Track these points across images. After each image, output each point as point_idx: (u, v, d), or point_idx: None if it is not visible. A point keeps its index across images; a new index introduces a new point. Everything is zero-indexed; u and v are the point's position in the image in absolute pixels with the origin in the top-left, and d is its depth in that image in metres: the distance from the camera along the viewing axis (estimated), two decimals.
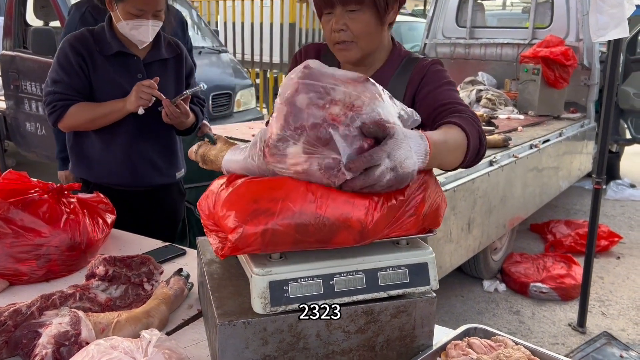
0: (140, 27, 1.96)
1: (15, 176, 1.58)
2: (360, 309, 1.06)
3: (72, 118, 2.00)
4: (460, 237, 3.03)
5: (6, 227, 1.47)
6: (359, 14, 1.32)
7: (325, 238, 0.99)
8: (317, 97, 0.97)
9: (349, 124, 0.96)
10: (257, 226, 0.96)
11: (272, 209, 0.97)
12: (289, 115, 0.97)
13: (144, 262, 1.48)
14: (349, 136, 0.96)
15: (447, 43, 6.15)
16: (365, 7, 1.31)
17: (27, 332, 1.13)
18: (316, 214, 0.97)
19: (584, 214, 5.33)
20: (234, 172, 1.14)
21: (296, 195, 0.98)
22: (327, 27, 1.37)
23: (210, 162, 1.31)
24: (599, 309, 3.70)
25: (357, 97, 0.98)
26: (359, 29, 1.33)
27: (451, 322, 3.37)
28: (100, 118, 2.02)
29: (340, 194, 0.99)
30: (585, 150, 5.18)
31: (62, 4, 4.58)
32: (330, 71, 1.01)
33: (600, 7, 2.59)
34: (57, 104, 1.99)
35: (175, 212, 2.38)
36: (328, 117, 0.96)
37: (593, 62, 5.24)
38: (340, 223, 0.98)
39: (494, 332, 1.18)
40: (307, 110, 0.97)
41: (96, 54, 2.01)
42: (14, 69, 5.01)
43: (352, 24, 1.33)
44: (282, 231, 0.97)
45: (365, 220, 0.99)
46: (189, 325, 1.31)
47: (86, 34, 2.03)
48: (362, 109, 0.97)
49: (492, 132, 3.97)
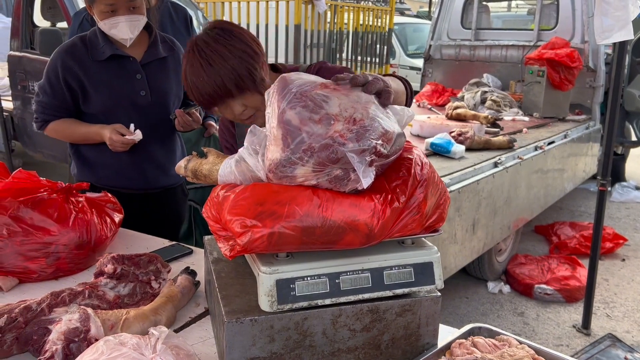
0: (118, 24, 1.92)
1: (24, 175, 1.59)
2: (366, 307, 1.08)
3: (52, 133, 2.07)
4: (465, 238, 3.04)
5: (16, 225, 1.49)
6: (246, 97, 1.41)
7: (332, 240, 1.01)
8: (309, 111, 0.97)
9: (356, 139, 0.96)
10: (264, 229, 0.97)
11: (278, 211, 0.98)
12: (286, 136, 0.97)
13: (152, 261, 1.49)
14: (359, 150, 0.96)
15: (452, 45, 6.15)
16: (245, 91, 1.40)
17: (37, 329, 1.14)
18: (322, 217, 0.99)
19: (589, 215, 5.32)
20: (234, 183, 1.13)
21: (302, 199, 0.99)
22: (226, 114, 1.47)
23: (204, 176, 1.24)
24: (604, 311, 3.70)
25: (353, 108, 0.99)
26: (257, 102, 1.43)
27: (455, 323, 3.37)
28: (78, 139, 2.08)
29: (346, 197, 1.01)
30: (591, 152, 5.17)
31: (69, 5, 4.60)
32: (310, 79, 1.02)
33: (605, 9, 2.59)
34: (39, 117, 2.06)
35: (179, 213, 2.38)
36: (335, 135, 0.96)
37: (598, 64, 5.23)
38: (347, 226, 1.00)
39: (498, 332, 1.19)
40: (304, 127, 0.96)
41: (89, 61, 1.99)
42: (21, 69, 5.04)
43: (249, 102, 1.43)
44: (289, 234, 0.98)
45: (372, 222, 1.00)
46: (196, 322, 1.33)
47: (77, 42, 2.01)
48: (364, 122, 0.97)
49: (497, 133, 3.97)
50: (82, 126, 2.03)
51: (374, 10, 8.20)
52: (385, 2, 8.51)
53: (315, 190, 1.01)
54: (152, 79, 2.06)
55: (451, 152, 3.25)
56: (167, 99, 2.12)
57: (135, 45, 2.03)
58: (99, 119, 2.03)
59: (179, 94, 2.18)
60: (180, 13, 2.82)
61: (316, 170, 0.98)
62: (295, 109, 0.97)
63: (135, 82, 2.03)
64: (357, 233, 1.00)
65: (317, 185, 1.00)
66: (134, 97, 2.03)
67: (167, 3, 2.79)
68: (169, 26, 2.71)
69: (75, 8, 4.49)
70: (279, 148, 0.97)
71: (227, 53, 1.36)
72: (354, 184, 0.99)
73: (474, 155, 3.36)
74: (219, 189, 1.11)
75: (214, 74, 1.35)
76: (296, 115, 0.97)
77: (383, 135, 0.99)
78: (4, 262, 1.47)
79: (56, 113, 2.03)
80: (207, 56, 1.36)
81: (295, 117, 0.97)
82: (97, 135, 2.00)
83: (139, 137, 1.97)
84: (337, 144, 0.96)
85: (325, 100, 0.98)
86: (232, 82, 1.36)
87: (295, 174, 0.99)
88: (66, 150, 4.39)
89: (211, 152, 1.25)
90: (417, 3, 20.84)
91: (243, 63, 1.37)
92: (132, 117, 2.02)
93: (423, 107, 5.40)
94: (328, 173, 0.98)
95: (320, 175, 0.99)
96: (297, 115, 0.96)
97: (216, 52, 1.36)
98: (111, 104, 2.01)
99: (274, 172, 1.00)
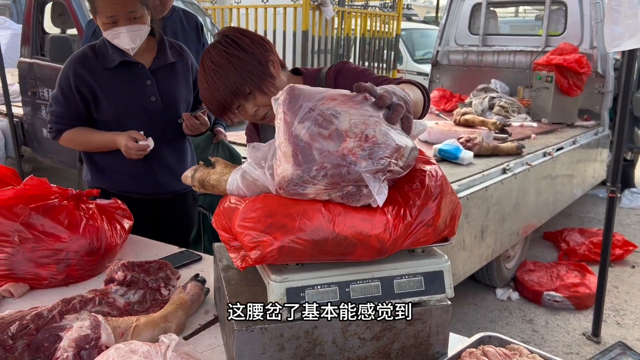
0: (119, 34, 1.94)
1: (36, 182, 1.60)
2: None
3: (67, 142, 2.09)
4: (474, 245, 3.03)
5: (27, 232, 1.50)
6: (253, 99, 1.44)
7: (343, 254, 1.01)
8: (317, 126, 0.96)
9: (369, 156, 0.95)
10: (274, 242, 0.97)
11: (288, 224, 0.98)
12: (297, 153, 0.95)
13: (162, 268, 1.50)
14: (373, 170, 0.95)
15: (459, 50, 6.15)
16: (247, 96, 1.43)
17: (48, 336, 1.15)
18: (333, 232, 0.98)
19: (598, 222, 5.29)
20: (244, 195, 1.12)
21: (313, 213, 0.99)
22: (245, 116, 1.50)
23: (212, 187, 1.21)
24: (614, 319, 3.66)
25: (364, 124, 0.97)
26: (266, 101, 1.44)
27: (464, 330, 3.36)
28: (92, 148, 2.10)
29: (358, 211, 1.00)
30: (600, 158, 5.14)
31: (79, 12, 4.65)
32: (318, 91, 1.01)
33: (615, 17, 2.59)
34: (53, 126, 2.08)
35: (190, 218, 2.40)
36: (347, 154, 0.95)
37: (607, 69, 5.21)
38: (358, 241, 0.99)
39: (508, 341, 1.18)
40: (314, 143, 0.95)
41: (99, 70, 2.01)
42: (31, 76, 5.08)
43: (258, 102, 1.45)
44: (299, 248, 0.98)
45: (384, 238, 1.00)
46: (206, 330, 1.33)
47: (87, 51, 2.04)
48: (377, 138, 0.96)
49: (505, 139, 3.96)
50: (96, 134, 2.05)
51: (381, 16, 8.21)
52: (392, 7, 8.52)
53: (327, 204, 1.00)
54: (161, 85, 2.08)
55: (459, 159, 3.24)
56: (177, 104, 2.13)
57: (144, 51, 2.05)
58: (110, 126, 2.04)
59: (189, 98, 2.20)
60: (192, 21, 2.84)
61: (328, 188, 0.97)
62: (304, 123, 0.96)
63: (146, 88, 2.04)
64: (368, 248, 1.00)
65: (329, 199, 1.00)
66: (144, 103, 2.05)
67: (178, 11, 2.81)
68: (181, 34, 2.73)
69: (85, 15, 4.54)
70: (290, 165, 0.96)
71: (224, 63, 1.41)
72: (366, 199, 0.98)
73: (482, 161, 3.35)
74: (229, 200, 1.12)
75: (213, 86, 1.42)
76: (305, 131, 0.95)
77: (396, 150, 0.97)
78: (16, 268, 1.48)
79: (70, 122, 2.05)
80: (207, 68, 1.43)
81: (304, 132, 0.95)
82: (111, 142, 2.01)
83: (152, 145, 1.99)
84: (350, 164, 0.94)
85: (334, 115, 0.97)
86: (229, 92, 1.41)
87: (307, 192, 0.98)
88: (75, 156, 4.47)
89: (219, 161, 1.24)
90: (424, 9, 20.86)
91: (238, 71, 1.41)
92: (143, 122, 2.04)
93: (430, 113, 5.39)
94: (340, 190, 0.97)
95: (332, 192, 0.98)
96: (307, 131, 0.95)
97: (214, 63, 1.42)
98: (122, 111, 2.03)
99: (285, 189, 0.98)
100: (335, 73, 1.56)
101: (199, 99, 2.26)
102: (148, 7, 2.01)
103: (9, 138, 5.36)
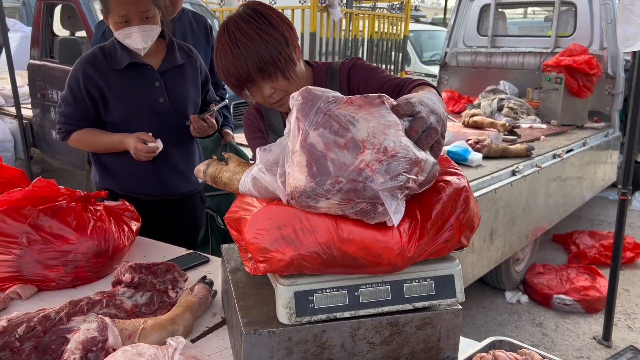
0: (131, 34, 1.94)
1: (44, 184, 1.61)
2: (385, 320, 1.06)
3: (75, 143, 2.09)
4: (483, 247, 3.00)
5: (35, 233, 1.50)
6: (273, 81, 1.39)
7: (353, 269, 1.00)
8: (333, 133, 0.90)
9: (387, 171, 0.89)
10: (284, 256, 0.96)
11: (298, 239, 0.96)
12: (311, 163, 0.91)
13: (169, 270, 1.49)
14: (391, 188, 0.90)
15: (468, 52, 6.12)
16: (270, 76, 1.37)
17: (55, 338, 1.14)
18: (344, 252, 0.97)
19: (608, 224, 5.24)
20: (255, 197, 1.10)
21: (323, 231, 0.96)
22: (257, 97, 1.44)
23: (223, 184, 1.20)
24: (625, 322, 3.62)
25: (383, 134, 0.90)
26: (284, 86, 1.40)
27: (473, 334, 3.33)
28: (101, 149, 2.10)
29: (371, 229, 0.97)
30: (610, 160, 5.10)
31: (88, 14, 4.67)
32: (334, 95, 0.96)
33: (628, 17, 2.56)
34: (62, 127, 2.08)
35: (197, 220, 2.39)
36: (364, 168, 0.89)
37: (617, 70, 5.16)
38: (368, 262, 0.98)
39: (519, 345, 1.16)
40: (329, 153, 0.90)
41: (109, 71, 2.01)
42: (40, 77, 5.12)
43: (277, 86, 1.40)
44: (307, 264, 0.97)
45: (396, 261, 0.98)
46: (213, 332, 1.32)
47: (97, 52, 2.04)
48: (397, 151, 0.89)
49: (514, 141, 3.93)
50: (104, 136, 2.05)
51: (389, 17, 8.19)
52: (400, 9, 8.50)
53: (339, 220, 0.97)
54: (170, 86, 2.08)
55: (468, 160, 3.22)
56: (185, 106, 2.13)
57: (152, 53, 2.05)
58: (119, 127, 2.05)
59: (197, 100, 2.20)
60: (201, 23, 2.85)
61: (342, 204, 0.93)
62: (319, 130, 0.91)
63: (154, 90, 2.04)
64: (379, 268, 1.00)
65: (342, 214, 0.97)
66: (153, 105, 2.05)
67: (187, 13, 2.82)
68: (190, 35, 2.74)
69: (94, 17, 4.56)
70: (303, 175, 0.92)
71: (255, 36, 1.33)
72: (381, 217, 0.94)
73: (491, 163, 3.33)
74: (239, 202, 1.11)
75: (239, 57, 1.34)
76: (320, 139, 0.90)
77: (416, 164, 0.91)
78: (23, 270, 1.48)
79: (79, 123, 2.05)
80: (236, 38, 1.34)
81: (319, 140, 0.90)
82: (120, 144, 2.01)
83: (161, 146, 1.99)
84: (367, 179, 0.89)
85: (351, 122, 0.91)
86: (256, 67, 1.34)
87: (319, 206, 0.94)
88: (84, 158, 4.49)
89: (232, 158, 1.22)
90: (432, 10, 20.81)
91: (269, 48, 1.34)
92: (152, 124, 2.04)
93: None
94: (353, 206, 0.93)
95: (345, 208, 0.94)
96: (322, 139, 0.90)
97: (244, 34, 1.33)
98: (131, 112, 2.03)
99: (297, 200, 0.94)
100: (349, 68, 1.52)
101: (207, 100, 2.27)
102: (160, 7, 2.01)
103: (18, 140, 5.40)
